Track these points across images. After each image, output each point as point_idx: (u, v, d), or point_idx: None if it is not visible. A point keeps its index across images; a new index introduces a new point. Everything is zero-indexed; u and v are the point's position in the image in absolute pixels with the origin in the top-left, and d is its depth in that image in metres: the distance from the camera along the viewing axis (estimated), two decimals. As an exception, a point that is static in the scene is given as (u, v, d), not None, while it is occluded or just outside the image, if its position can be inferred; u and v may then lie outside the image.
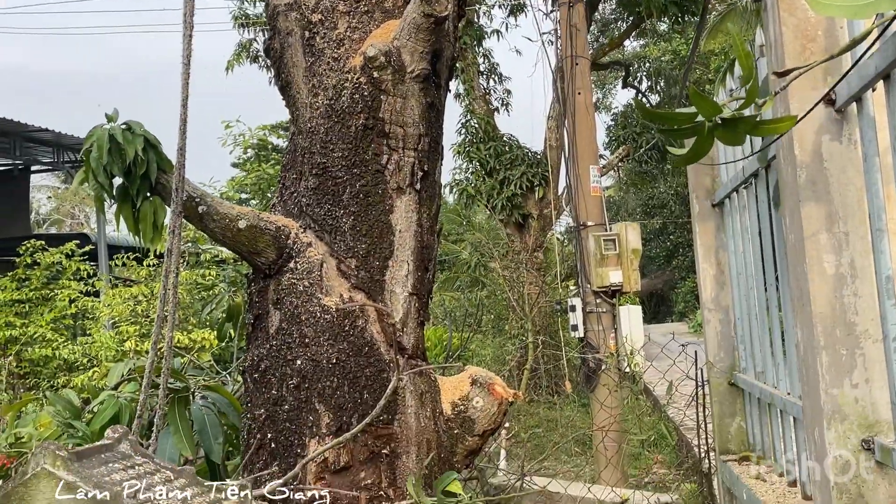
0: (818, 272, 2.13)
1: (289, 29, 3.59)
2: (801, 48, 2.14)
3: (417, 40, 3.37)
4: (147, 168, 3.24)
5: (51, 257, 11.91)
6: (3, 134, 13.27)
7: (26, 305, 11.64)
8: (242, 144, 11.90)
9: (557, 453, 9.52)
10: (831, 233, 2.13)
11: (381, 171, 3.42)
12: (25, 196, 15.81)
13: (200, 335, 8.05)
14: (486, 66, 17.46)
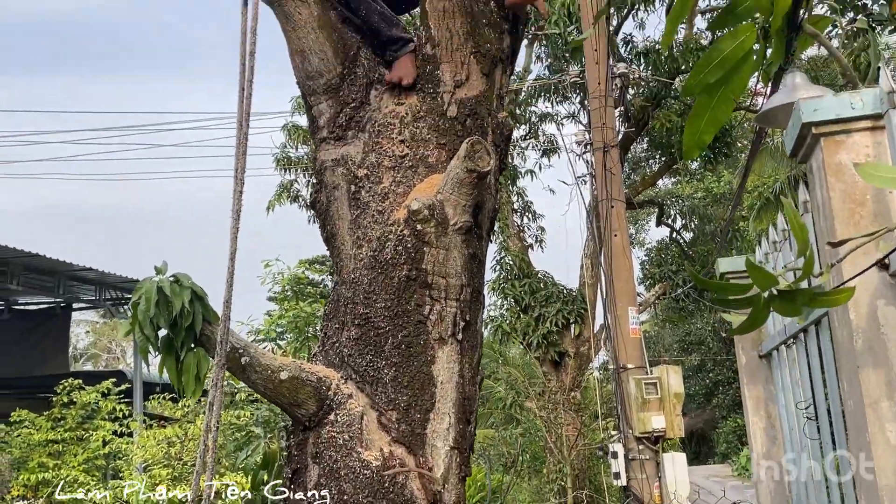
0: (881, 442, 2.05)
1: (335, 183, 3.69)
2: (851, 213, 2.13)
3: (461, 194, 3.44)
4: (192, 320, 3.27)
5: (87, 396, 11.95)
6: (49, 273, 13.63)
7: (60, 445, 11.61)
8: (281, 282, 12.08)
9: None
10: (893, 400, 2.06)
11: (424, 321, 3.41)
12: (66, 333, 16.04)
13: (233, 478, 7.90)
14: (521, 204, 17.75)
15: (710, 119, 2.04)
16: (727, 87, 2.05)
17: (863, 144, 2.20)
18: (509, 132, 3.94)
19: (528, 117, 17.14)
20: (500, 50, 3.83)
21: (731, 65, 2.02)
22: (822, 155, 2.22)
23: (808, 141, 2.27)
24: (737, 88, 2.08)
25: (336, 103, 3.72)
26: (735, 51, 2.00)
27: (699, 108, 2.08)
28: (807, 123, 2.23)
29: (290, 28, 3.65)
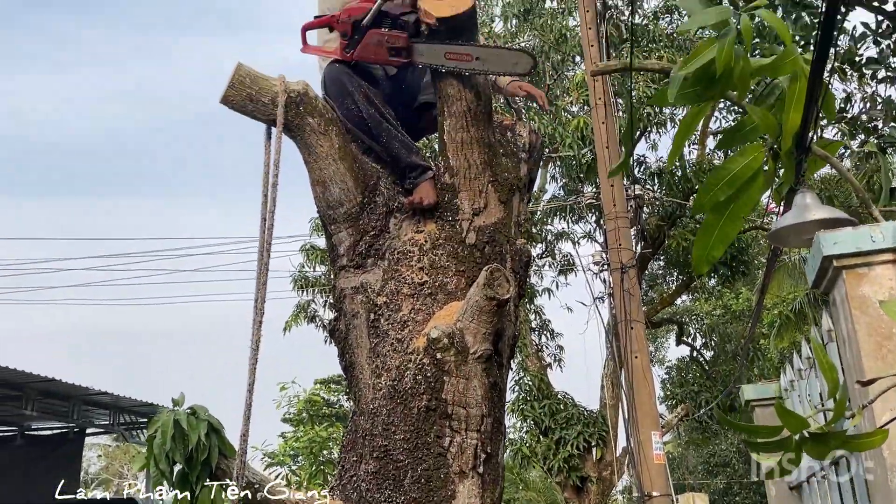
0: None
1: (354, 311, 3.69)
2: (878, 346, 2.10)
3: (480, 322, 3.42)
4: (208, 454, 3.21)
5: (96, 527, 11.68)
6: (65, 398, 13.58)
7: (66, 578, 11.22)
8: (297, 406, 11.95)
9: None
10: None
11: (444, 454, 3.34)
12: (78, 459, 15.82)
13: None
14: (538, 323, 17.66)
15: (719, 235, 2.05)
16: (736, 205, 2.06)
17: (886, 277, 2.18)
18: (528, 258, 3.96)
19: (544, 236, 17.28)
20: (517, 178, 3.90)
21: (740, 183, 2.04)
22: (845, 288, 2.20)
23: (830, 274, 2.26)
24: (746, 207, 2.09)
25: (356, 232, 3.76)
26: (744, 170, 2.02)
27: (709, 224, 2.09)
28: (827, 256, 2.22)
29: (312, 159, 3.74)
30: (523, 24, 16.07)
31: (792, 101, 2.03)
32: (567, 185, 15.78)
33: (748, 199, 2.06)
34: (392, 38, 3.72)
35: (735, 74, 1.97)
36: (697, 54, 1.97)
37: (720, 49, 1.89)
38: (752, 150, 2.06)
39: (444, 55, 3.59)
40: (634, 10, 11.70)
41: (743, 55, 1.97)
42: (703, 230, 2.09)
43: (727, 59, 1.89)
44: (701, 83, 2.02)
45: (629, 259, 9.32)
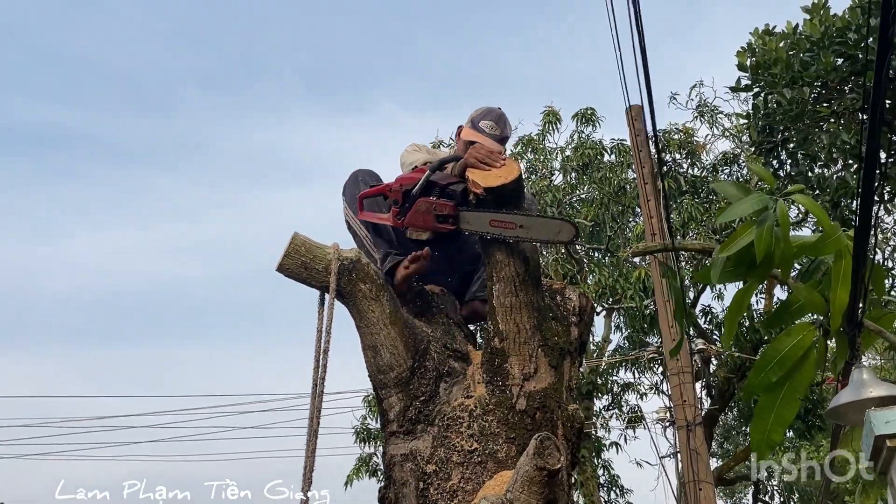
0: None
1: (403, 479, 3.64)
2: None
3: (531, 493, 3.33)
4: None
5: None
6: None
7: None
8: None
9: None
10: None
11: None
12: None
13: None
14: (607, 479, 17.06)
15: (776, 419, 1.99)
16: (791, 385, 2.01)
17: (943, 459, 2.08)
18: (581, 425, 3.88)
19: (609, 387, 16.94)
20: (567, 342, 3.88)
21: (792, 363, 2.00)
22: (902, 468, 2.10)
23: (885, 454, 2.17)
24: (800, 386, 2.04)
25: (406, 396, 3.76)
26: (794, 350, 1.98)
27: (764, 407, 2.03)
28: (880, 436, 2.14)
29: (364, 325, 3.79)
30: (582, 176, 16.41)
31: (838, 279, 2.02)
32: (631, 337, 15.58)
33: (802, 378, 2.02)
34: (440, 206, 3.86)
35: (776, 256, 1.98)
36: (737, 238, 1.99)
37: (759, 236, 1.90)
38: (801, 329, 2.04)
39: (489, 223, 3.69)
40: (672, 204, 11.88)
41: (783, 237, 1.97)
42: (759, 414, 2.05)
43: (767, 244, 1.90)
44: (743, 264, 2.03)
45: (695, 416, 9.04)
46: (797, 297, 2.16)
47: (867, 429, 2.18)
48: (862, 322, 2.27)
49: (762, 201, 1.99)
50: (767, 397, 2.07)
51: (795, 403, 2.04)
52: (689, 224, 13.67)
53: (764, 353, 2.09)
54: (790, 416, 2.05)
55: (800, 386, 2.08)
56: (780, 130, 9.74)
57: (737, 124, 14.24)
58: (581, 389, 16.08)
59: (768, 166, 10.47)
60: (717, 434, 17.70)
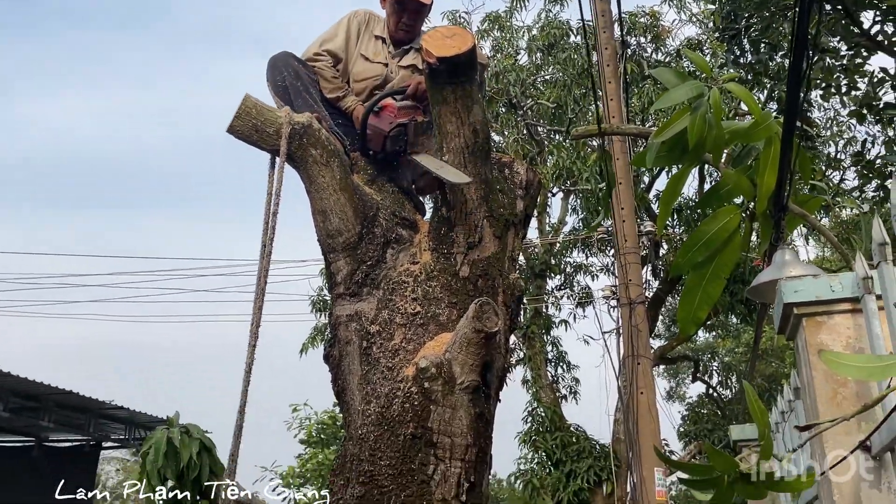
0: None
1: (348, 338, 3.79)
2: (833, 393, 2.16)
3: (468, 353, 3.50)
4: (199, 472, 3.31)
5: (109, 541, 11.83)
6: (81, 411, 13.76)
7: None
8: (308, 428, 12.03)
9: None
10: None
11: (427, 481, 3.41)
12: (93, 471, 15.96)
13: None
14: (555, 355, 17.64)
15: (703, 297, 2.12)
16: (716, 265, 2.13)
17: (844, 326, 2.25)
18: (520, 293, 4.04)
19: (563, 268, 17.32)
20: (513, 214, 3.99)
21: (717, 244, 2.12)
22: (805, 335, 2.27)
23: (792, 321, 2.33)
24: (725, 267, 2.16)
25: (353, 261, 3.88)
26: (719, 232, 2.10)
27: (690, 285, 2.16)
28: (789, 304, 2.29)
29: (314, 189, 3.86)
30: (547, 57, 16.24)
31: (766, 164, 2.10)
32: (586, 219, 15.84)
33: (726, 259, 2.13)
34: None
35: (708, 143, 2.05)
36: (671, 123, 2.05)
37: (692, 122, 1.97)
38: (727, 213, 2.14)
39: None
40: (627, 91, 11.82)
41: (716, 124, 2.05)
42: (686, 292, 2.16)
43: (699, 130, 1.97)
44: (676, 149, 2.10)
45: (638, 295, 9.36)
46: (726, 181, 2.25)
47: (777, 299, 2.34)
48: (787, 205, 2.38)
49: (697, 88, 2.05)
50: (694, 276, 2.19)
51: (720, 282, 2.17)
52: (648, 109, 13.70)
53: (692, 234, 2.20)
54: (716, 293, 2.17)
55: (725, 266, 2.20)
56: (745, 17, 9.71)
57: (704, 10, 14.10)
58: (534, 269, 16.42)
59: (731, 53, 10.47)
60: (662, 315, 18.31)
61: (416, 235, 4.01)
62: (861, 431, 2.11)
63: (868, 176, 9.45)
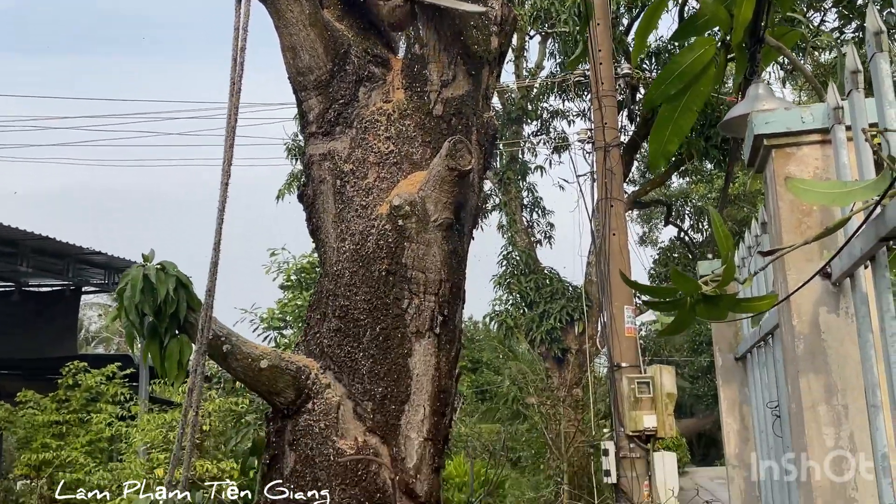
0: (818, 444, 2.12)
1: (321, 177, 3.78)
2: (798, 223, 2.20)
3: (441, 191, 3.52)
4: (177, 307, 3.37)
5: (91, 379, 12.14)
6: (59, 256, 13.83)
7: (63, 427, 11.80)
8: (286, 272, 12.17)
9: None
10: (830, 405, 2.13)
11: (402, 315, 3.50)
12: (74, 316, 16.23)
13: (229, 465, 8.03)
14: (530, 200, 17.77)
15: (674, 129, 2.11)
16: (689, 97, 2.11)
17: (812, 157, 2.26)
18: (494, 132, 4.02)
19: (539, 113, 17.17)
20: (487, 51, 3.90)
21: (691, 77, 2.09)
22: (773, 167, 2.29)
23: (762, 152, 2.34)
24: (698, 99, 2.14)
25: (325, 99, 3.81)
26: (694, 64, 2.07)
27: (662, 118, 2.14)
28: (759, 135, 2.30)
29: (282, 25, 3.74)
30: None
31: (744, -6, 2.04)
32: (564, 63, 15.55)
33: (699, 91, 2.10)
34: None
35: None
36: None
37: None
38: (703, 44, 2.09)
39: None
40: None
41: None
42: (658, 125, 2.14)
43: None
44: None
45: (613, 138, 9.34)
46: (704, 11, 2.19)
47: (748, 131, 2.34)
48: (763, 37, 2.33)
49: None
50: (666, 109, 2.17)
51: (692, 115, 2.15)
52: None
53: (666, 66, 2.16)
54: (687, 126, 2.16)
55: (698, 98, 2.17)
56: None
57: None
58: (510, 115, 16.26)
59: None
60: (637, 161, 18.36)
61: (388, 73, 3.92)
62: (823, 260, 2.17)
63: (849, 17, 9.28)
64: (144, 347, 3.44)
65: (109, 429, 11.49)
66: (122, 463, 9.87)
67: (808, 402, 2.14)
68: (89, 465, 10.60)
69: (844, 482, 2.09)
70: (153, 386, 13.09)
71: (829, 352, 2.15)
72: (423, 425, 3.47)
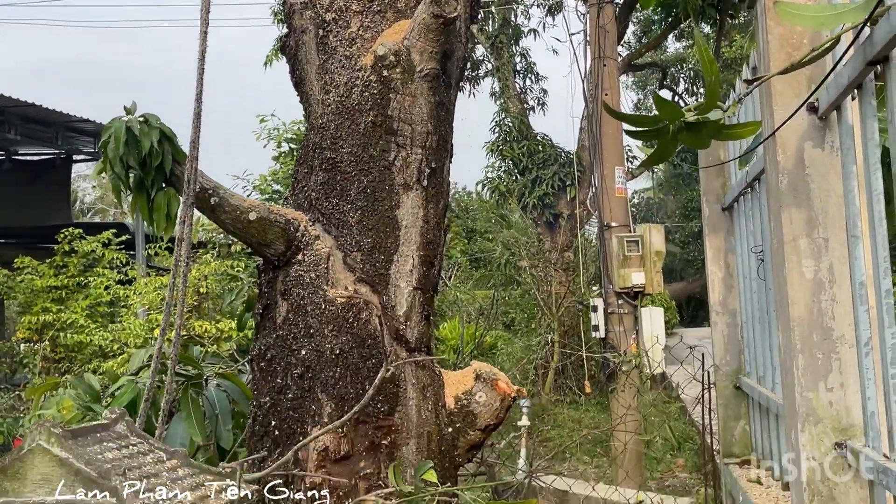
0: (797, 276, 2.16)
1: (303, 27, 3.68)
2: (787, 56, 2.16)
3: (427, 40, 3.43)
4: (162, 159, 3.34)
5: (88, 245, 12.22)
6: (47, 124, 13.64)
7: (63, 292, 11.97)
8: (276, 139, 12.07)
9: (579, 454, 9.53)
10: (811, 238, 2.16)
11: (389, 167, 3.48)
12: (67, 185, 16.19)
13: (227, 325, 8.22)
14: (523, 65, 17.47)
15: None
16: None
17: (804, -14, 2.19)
18: (482, -19, 3.89)
19: (533, -28, 16.63)
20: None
21: None
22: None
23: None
24: None
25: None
26: None
27: None
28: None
29: None
30: None
31: None
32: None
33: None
34: None
35: None
36: None
37: None
38: None
39: None
40: None
41: None
42: None
43: None
44: None
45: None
46: None
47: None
48: None
49: None
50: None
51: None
52: None
53: None
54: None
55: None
56: None
57: None
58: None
59: None
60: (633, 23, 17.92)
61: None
62: (809, 93, 2.14)
63: None
64: (132, 201, 3.44)
65: (108, 293, 11.67)
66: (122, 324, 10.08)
67: (789, 235, 2.17)
68: (90, 326, 10.83)
69: (822, 310, 2.14)
70: (148, 251, 13.20)
71: (812, 186, 2.16)
72: (411, 275, 3.51)
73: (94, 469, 1.98)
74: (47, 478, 1.98)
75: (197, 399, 4.05)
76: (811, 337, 2.15)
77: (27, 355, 11.39)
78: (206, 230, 10.65)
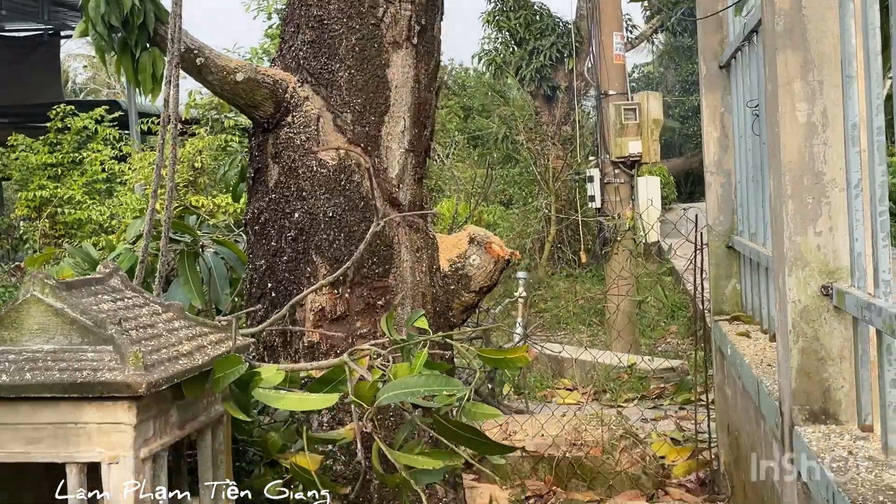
0: (790, 120, 2.13)
1: None
2: None
3: None
4: (144, 18, 3.25)
5: (81, 122, 12.06)
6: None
7: (59, 169, 11.89)
8: (266, 10, 11.73)
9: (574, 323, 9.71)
10: (805, 81, 2.12)
11: (378, 24, 3.39)
12: (56, 61, 15.82)
13: (224, 199, 8.20)
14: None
15: None
16: None
17: None
18: None
19: None
20: None
21: None
22: None
23: None
24: None
25: None
26: None
27: None
28: None
29: None
30: None
31: None
32: None
33: None
34: None
35: None
36: None
37: None
38: None
39: None
40: None
41: None
42: None
43: None
44: None
45: None
46: None
47: None
48: None
49: None
50: None
51: None
52: None
53: None
54: None
55: None
56: None
57: None
58: None
59: None
60: None
61: None
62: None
63: None
64: (116, 61, 3.37)
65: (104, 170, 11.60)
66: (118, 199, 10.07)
67: (783, 79, 2.12)
68: (87, 202, 10.82)
69: (814, 154, 2.12)
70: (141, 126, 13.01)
71: (808, 27, 2.10)
72: (403, 136, 3.48)
73: (89, 318, 2.01)
74: (44, 327, 2.01)
75: (194, 265, 4.08)
76: (802, 181, 2.14)
77: (27, 232, 11.42)
78: (198, 107, 10.49)
